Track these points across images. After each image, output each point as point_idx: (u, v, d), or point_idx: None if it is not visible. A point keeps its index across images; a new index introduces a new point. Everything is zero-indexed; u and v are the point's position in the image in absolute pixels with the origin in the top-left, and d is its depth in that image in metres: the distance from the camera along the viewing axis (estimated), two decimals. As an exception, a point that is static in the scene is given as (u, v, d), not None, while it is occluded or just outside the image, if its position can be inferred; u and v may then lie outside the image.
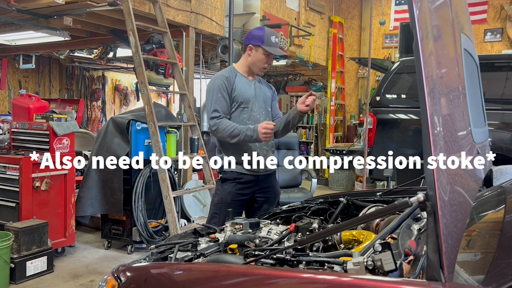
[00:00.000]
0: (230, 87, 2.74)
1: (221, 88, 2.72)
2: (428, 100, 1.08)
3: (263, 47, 2.72)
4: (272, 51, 2.75)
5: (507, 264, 1.07)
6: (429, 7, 1.24)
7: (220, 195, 2.77)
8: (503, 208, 1.52)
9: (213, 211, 2.79)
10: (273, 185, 2.93)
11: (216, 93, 2.72)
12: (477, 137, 1.81)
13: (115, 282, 1.43)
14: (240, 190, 2.76)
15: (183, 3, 5.40)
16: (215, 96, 2.71)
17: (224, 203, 2.74)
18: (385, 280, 1.09)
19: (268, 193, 2.89)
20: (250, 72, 2.85)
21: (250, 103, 2.77)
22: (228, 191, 2.75)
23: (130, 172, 4.38)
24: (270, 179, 2.90)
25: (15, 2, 4.34)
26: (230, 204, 2.70)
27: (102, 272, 3.90)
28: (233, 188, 2.75)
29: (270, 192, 2.90)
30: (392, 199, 2.20)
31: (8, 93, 8.46)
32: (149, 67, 4.96)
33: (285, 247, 1.41)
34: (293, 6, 8.16)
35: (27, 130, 4.14)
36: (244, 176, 2.75)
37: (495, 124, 4.37)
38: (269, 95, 2.91)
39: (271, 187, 2.90)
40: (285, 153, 5.44)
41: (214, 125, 2.67)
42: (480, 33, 8.32)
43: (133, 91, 10.75)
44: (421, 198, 1.09)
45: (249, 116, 2.76)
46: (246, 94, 2.77)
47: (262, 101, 2.84)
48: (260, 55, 2.76)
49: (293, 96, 10.32)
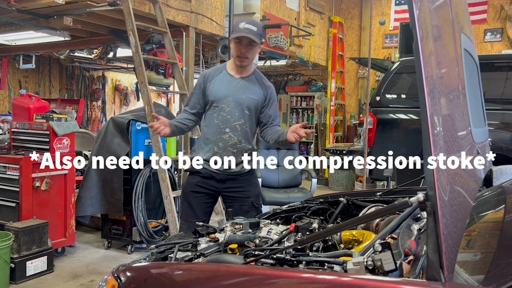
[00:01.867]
0: (204, 85, 2.76)
1: (198, 84, 2.80)
2: (428, 100, 1.08)
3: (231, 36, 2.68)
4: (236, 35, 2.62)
5: (507, 264, 1.07)
6: (429, 7, 1.24)
7: (184, 185, 2.89)
8: (503, 208, 1.52)
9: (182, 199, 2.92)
10: (243, 186, 2.79)
11: (193, 88, 2.84)
12: (477, 137, 1.81)
13: (115, 282, 1.43)
14: (199, 183, 2.77)
15: (183, 3, 5.40)
16: (193, 91, 2.84)
17: (184, 193, 2.83)
18: (385, 280, 1.09)
19: (237, 193, 2.77)
20: (237, 68, 2.74)
21: (220, 103, 2.70)
22: (188, 182, 2.82)
23: (130, 172, 4.38)
24: (241, 180, 2.79)
25: (15, 2, 4.34)
26: (189, 195, 2.78)
27: (102, 272, 3.90)
28: (193, 179, 2.79)
29: (239, 193, 2.77)
30: (392, 199, 2.20)
31: (8, 93, 8.46)
32: (149, 67, 4.96)
33: (285, 247, 1.41)
34: (293, 6, 8.16)
35: (27, 130, 4.14)
36: (206, 171, 2.76)
37: (495, 124, 4.38)
38: (255, 97, 2.74)
39: (240, 188, 2.78)
40: (285, 153, 5.44)
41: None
42: (480, 33, 8.32)
43: (133, 91, 10.75)
44: (421, 198, 1.09)
45: (218, 115, 2.71)
46: (218, 93, 2.71)
47: (240, 102, 2.70)
48: (232, 45, 2.70)
49: (293, 96, 10.33)
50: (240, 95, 2.71)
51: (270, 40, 7.21)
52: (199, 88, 2.78)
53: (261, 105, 2.78)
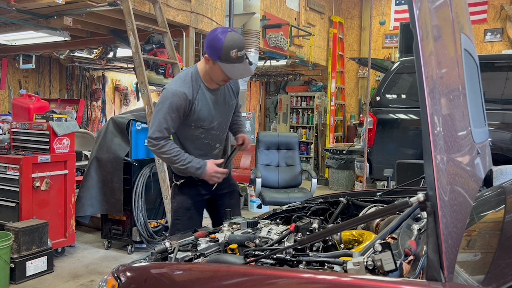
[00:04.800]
0: (186, 109, 2.36)
1: (175, 108, 2.33)
2: (428, 100, 1.08)
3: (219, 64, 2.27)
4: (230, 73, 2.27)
5: (507, 264, 1.07)
6: (429, 7, 1.24)
7: (179, 200, 2.57)
8: (503, 208, 1.52)
9: (174, 218, 2.58)
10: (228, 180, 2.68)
11: (168, 111, 2.33)
12: (477, 137, 1.81)
13: (115, 282, 1.43)
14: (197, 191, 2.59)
15: (183, 3, 5.40)
16: (168, 115, 2.33)
17: (184, 208, 2.56)
18: (385, 280, 1.09)
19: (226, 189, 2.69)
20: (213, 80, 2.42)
21: (211, 123, 2.46)
22: (187, 194, 2.56)
23: (130, 172, 4.38)
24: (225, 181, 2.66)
25: (15, 2, 4.34)
26: (189, 209, 2.56)
27: (102, 272, 3.90)
28: (192, 190, 2.57)
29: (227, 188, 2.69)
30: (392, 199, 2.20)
31: (8, 93, 8.46)
32: (149, 67, 4.96)
33: (285, 247, 1.41)
34: (293, 6, 8.16)
35: (27, 130, 4.14)
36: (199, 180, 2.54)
37: (495, 124, 4.38)
38: (233, 102, 2.59)
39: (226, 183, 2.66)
40: (285, 153, 5.44)
41: (156, 146, 2.36)
42: (480, 33, 8.32)
43: (133, 91, 10.75)
44: (421, 198, 1.09)
45: (208, 135, 2.49)
46: (208, 117, 2.43)
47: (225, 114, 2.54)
48: (217, 71, 2.31)
49: (293, 96, 10.33)
50: (224, 109, 2.53)
51: (270, 40, 7.21)
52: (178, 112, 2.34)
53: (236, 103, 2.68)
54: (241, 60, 2.28)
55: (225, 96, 2.53)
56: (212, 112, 2.46)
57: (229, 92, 2.58)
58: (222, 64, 2.25)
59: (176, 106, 2.32)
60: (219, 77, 2.35)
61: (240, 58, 2.26)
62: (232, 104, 2.59)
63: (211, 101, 2.44)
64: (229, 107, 2.57)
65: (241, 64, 2.30)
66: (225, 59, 2.24)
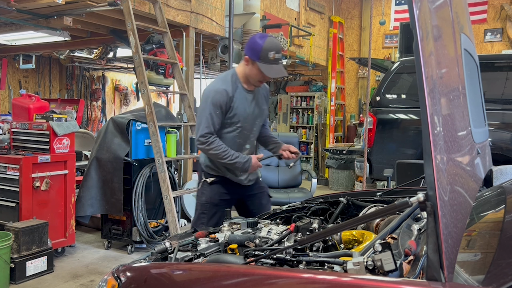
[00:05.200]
0: (228, 105, 2.58)
1: (219, 104, 2.55)
2: (428, 100, 1.08)
3: (258, 64, 2.50)
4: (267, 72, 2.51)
5: (507, 264, 1.07)
6: (429, 7, 1.24)
7: (208, 195, 2.74)
8: (503, 208, 1.52)
9: (201, 211, 2.74)
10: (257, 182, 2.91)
11: (212, 108, 2.55)
12: (477, 137, 1.81)
13: (115, 282, 1.43)
14: (227, 190, 2.76)
15: (183, 3, 5.40)
16: (210, 112, 2.55)
17: (211, 203, 2.72)
18: (385, 280, 1.09)
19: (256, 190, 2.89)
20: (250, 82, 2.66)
21: (246, 123, 2.67)
22: (215, 191, 2.73)
23: (130, 172, 4.38)
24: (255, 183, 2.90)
25: (15, 2, 4.34)
26: (217, 205, 2.71)
27: (102, 272, 3.90)
28: (222, 189, 2.74)
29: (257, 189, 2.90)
30: (392, 199, 2.20)
31: (8, 93, 8.46)
32: (149, 67, 4.96)
33: (285, 247, 1.41)
34: (293, 6, 8.16)
35: (27, 130, 4.14)
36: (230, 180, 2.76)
37: (495, 124, 4.38)
38: (264, 108, 2.79)
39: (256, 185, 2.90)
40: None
41: (205, 144, 2.56)
42: (480, 33, 8.32)
43: (133, 91, 10.76)
44: (421, 198, 1.09)
45: (241, 135, 2.69)
46: (244, 114, 2.64)
47: (258, 117, 2.74)
48: (255, 71, 2.55)
49: (293, 96, 10.33)
50: (256, 110, 2.72)
51: (270, 40, 7.20)
52: (221, 108, 2.56)
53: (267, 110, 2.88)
54: (277, 62, 2.52)
55: (258, 99, 2.73)
56: (247, 111, 2.66)
57: (262, 97, 2.78)
58: (260, 64, 2.49)
59: (219, 102, 2.55)
60: (256, 77, 2.57)
61: (276, 60, 2.51)
62: (264, 109, 2.79)
63: (247, 101, 2.66)
64: (260, 110, 2.76)
65: (277, 65, 2.53)
66: (263, 60, 2.48)
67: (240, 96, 2.62)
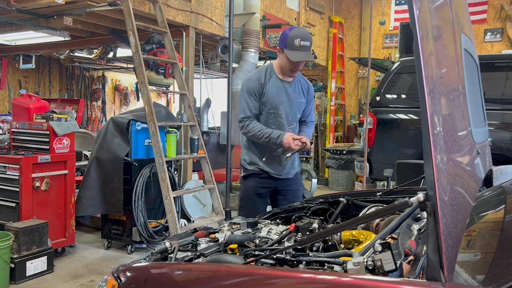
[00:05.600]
0: (260, 91, 2.76)
1: (251, 91, 2.77)
2: (428, 100, 1.08)
3: (285, 51, 2.65)
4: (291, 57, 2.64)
5: (507, 264, 1.07)
6: (429, 7, 1.24)
7: (243, 189, 2.97)
8: (503, 208, 1.52)
9: (240, 205, 2.99)
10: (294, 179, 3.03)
11: (246, 95, 2.78)
12: (477, 137, 1.81)
13: (115, 282, 1.43)
14: (260, 184, 2.88)
15: (183, 3, 5.40)
16: (245, 99, 2.78)
17: (247, 197, 2.91)
18: (385, 280, 1.09)
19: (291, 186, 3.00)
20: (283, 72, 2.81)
21: (277, 109, 2.79)
22: (249, 185, 2.90)
23: (130, 172, 4.38)
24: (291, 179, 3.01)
25: (15, 2, 4.34)
26: (251, 198, 2.88)
27: (102, 272, 3.90)
28: (254, 182, 2.87)
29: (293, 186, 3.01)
30: (392, 199, 2.20)
31: (8, 93, 8.46)
32: (149, 67, 4.96)
33: (285, 247, 1.41)
34: (293, 6, 8.16)
35: (27, 130, 4.14)
36: (263, 173, 2.87)
37: (495, 124, 4.38)
38: (303, 100, 2.88)
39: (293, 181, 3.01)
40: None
41: (243, 127, 2.78)
42: (480, 33, 8.32)
43: (133, 91, 10.76)
44: (421, 198, 1.09)
45: (275, 121, 2.82)
46: (275, 100, 2.77)
47: (292, 106, 2.83)
48: (284, 59, 2.70)
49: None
50: (292, 99, 2.82)
51: (270, 40, 7.21)
52: (254, 94, 2.77)
53: (305, 104, 2.92)
54: (304, 49, 2.62)
55: (294, 90, 2.85)
56: (279, 97, 2.78)
57: (300, 90, 2.88)
58: (287, 51, 2.62)
59: (252, 89, 2.76)
60: (287, 66, 2.70)
61: (302, 47, 2.61)
62: (301, 101, 2.87)
63: (280, 88, 2.79)
64: (297, 102, 2.85)
65: (302, 52, 2.63)
66: (290, 47, 2.61)
67: (273, 84, 2.78)
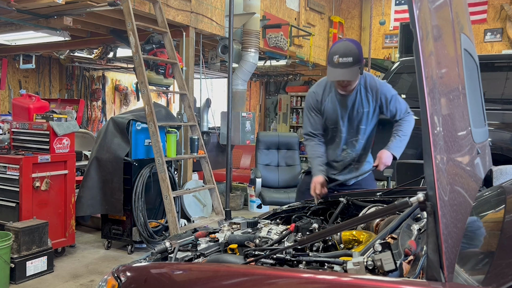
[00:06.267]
0: (318, 107, 2.68)
1: (310, 106, 2.71)
2: (428, 100, 1.08)
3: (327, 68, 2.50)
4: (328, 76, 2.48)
5: (507, 264, 1.07)
6: (429, 7, 1.24)
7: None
8: (503, 208, 1.52)
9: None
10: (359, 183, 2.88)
11: (306, 111, 2.74)
12: (477, 137, 1.81)
13: (115, 282, 1.43)
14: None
15: (183, 3, 5.40)
16: (306, 114, 2.74)
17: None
18: (385, 280, 1.09)
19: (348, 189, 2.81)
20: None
21: (337, 125, 2.69)
22: (305, 181, 2.89)
23: (130, 172, 4.38)
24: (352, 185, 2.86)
25: (15, 2, 4.34)
26: (303, 192, 2.84)
27: (102, 272, 3.90)
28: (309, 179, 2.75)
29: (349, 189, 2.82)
30: (392, 199, 2.20)
31: (8, 93, 8.46)
32: (149, 67, 4.96)
33: (285, 247, 1.41)
34: (293, 6, 8.16)
35: (27, 130, 4.14)
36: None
37: (495, 124, 4.37)
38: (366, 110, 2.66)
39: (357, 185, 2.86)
40: (285, 153, 5.44)
41: (305, 145, 2.76)
42: (480, 33, 8.32)
43: (133, 91, 10.75)
44: (421, 198, 1.09)
45: (337, 135, 2.73)
46: (333, 116, 2.66)
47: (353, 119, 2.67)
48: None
49: (293, 96, 10.33)
50: (353, 112, 2.66)
51: (270, 40, 7.21)
52: (314, 110, 2.69)
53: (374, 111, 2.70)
54: (343, 66, 2.37)
55: (355, 102, 2.64)
56: (337, 113, 2.66)
57: (363, 99, 2.65)
58: (328, 68, 2.46)
59: (310, 104, 2.70)
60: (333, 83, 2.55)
61: (341, 64, 2.37)
62: (364, 111, 2.65)
63: (339, 104, 2.64)
64: (359, 113, 2.65)
65: (340, 70, 2.39)
66: (330, 63, 2.44)
67: (332, 99, 2.65)
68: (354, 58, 2.38)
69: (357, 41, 2.57)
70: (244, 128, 5.94)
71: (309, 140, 2.73)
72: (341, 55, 2.37)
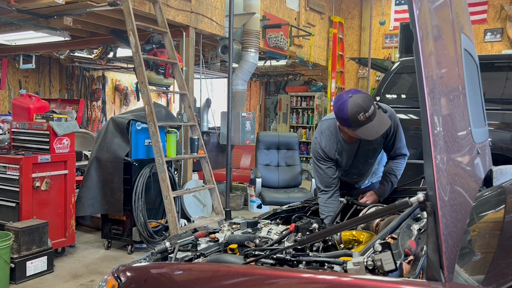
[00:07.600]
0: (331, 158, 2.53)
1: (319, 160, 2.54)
2: (428, 100, 1.08)
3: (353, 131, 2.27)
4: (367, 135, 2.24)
5: (507, 264, 1.07)
6: (429, 7, 1.24)
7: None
8: (503, 208, 1.52)
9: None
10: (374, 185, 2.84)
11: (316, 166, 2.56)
12: (477, 137, 1.81)
13: (115, 282, 1.43)
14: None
15: (183, 3, 5.40)
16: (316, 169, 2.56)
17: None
18: (385, 280, 1.09)
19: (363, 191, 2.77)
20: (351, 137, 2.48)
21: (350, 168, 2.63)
22: None
23: (130, 172, 4.37)
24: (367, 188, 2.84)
25: (15, 2, 4.34)
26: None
27: (102, 272, 3.90)
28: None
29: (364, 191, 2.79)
30: (392, 199, 2.20)
31: (8, 93, 8.46)
32: (149, 67, 4.96)
33: (285, 247, 1.41)
34: (293, 6, 8.16)
35: (27, 130, 4.14)
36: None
37: (495, 124, 4.37)
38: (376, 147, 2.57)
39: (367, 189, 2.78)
40: (285, 153, 5.44)
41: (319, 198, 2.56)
42: (480, 33, 8.32)
43: (133, 91, 10.76)
44: (421, 198, 1.09)
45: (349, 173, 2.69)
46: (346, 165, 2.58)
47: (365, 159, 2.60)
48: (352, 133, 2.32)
49: (293, 96, 10.33)
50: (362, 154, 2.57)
51: (270, 40, 7.21)
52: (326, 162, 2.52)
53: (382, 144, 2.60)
54: (372, 118, 2.20)
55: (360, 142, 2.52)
56: (350, 161, 2.56)
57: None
58: (355, 130, 2.23)
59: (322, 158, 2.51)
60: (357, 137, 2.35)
61: (369, 118, 2.19)
62: (372, 148, 2.57)
63: (349, 151, 2.52)
64: (368, 151, 2.57)
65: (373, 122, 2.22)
66: (356, 125, 2.21)
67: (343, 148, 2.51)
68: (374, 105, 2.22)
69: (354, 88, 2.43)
70: (244, 128, 5.94)
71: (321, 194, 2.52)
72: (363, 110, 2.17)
